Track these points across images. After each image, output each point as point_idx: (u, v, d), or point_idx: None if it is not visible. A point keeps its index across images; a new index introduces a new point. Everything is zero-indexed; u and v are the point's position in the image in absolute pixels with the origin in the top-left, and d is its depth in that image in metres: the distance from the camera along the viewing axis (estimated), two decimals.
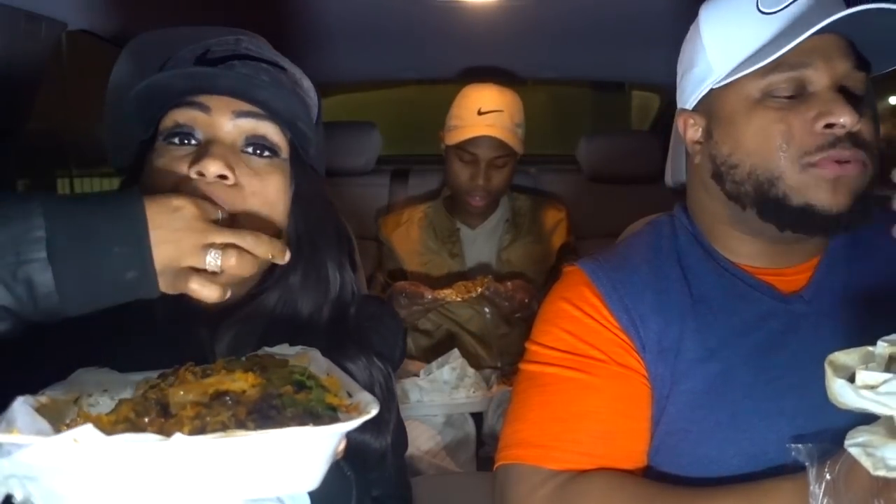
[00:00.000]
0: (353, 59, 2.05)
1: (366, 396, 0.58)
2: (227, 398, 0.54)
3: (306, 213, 0.79)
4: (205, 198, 0.66)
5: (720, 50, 0.82)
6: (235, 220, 0.70)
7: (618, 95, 3.57)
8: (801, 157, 0.77)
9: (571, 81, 2.99)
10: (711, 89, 0.84)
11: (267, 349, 0.70)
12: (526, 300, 1.69)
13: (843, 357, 0.62)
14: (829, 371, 0.61)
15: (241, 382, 0.56)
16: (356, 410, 0.56)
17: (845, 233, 0.80)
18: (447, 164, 1.83)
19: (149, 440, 0.46)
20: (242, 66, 0.74)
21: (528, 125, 1.82)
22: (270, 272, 0.80)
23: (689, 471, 0.78)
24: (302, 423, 0.51)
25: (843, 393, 0.59)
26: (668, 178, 1.12)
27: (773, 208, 0.79)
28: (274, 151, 0.75)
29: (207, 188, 0.69)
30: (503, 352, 1.81)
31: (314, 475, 0.53)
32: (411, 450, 1.52)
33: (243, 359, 0.65)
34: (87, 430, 0.45)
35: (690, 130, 0.87)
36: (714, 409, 0.78)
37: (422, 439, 1.58)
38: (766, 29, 0.79)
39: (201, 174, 0.69)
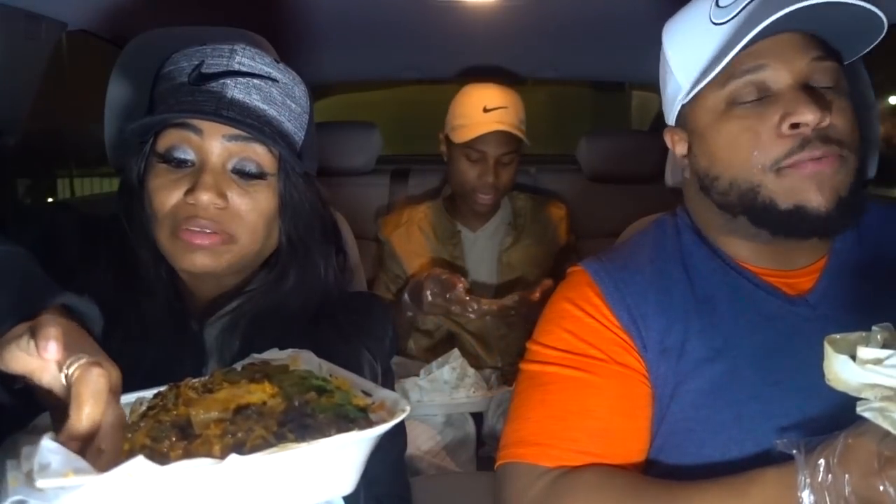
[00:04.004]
0: (353, 59, 2.05)
1: (389, 394, 0.59)
2: (250, 411, 0.53)
3: (296, 219, 0.85)
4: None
5: (681, 66, 0.84)
6: (230, 239, 0.79)
7: (618, 95, 3.58)
8: (773, 164, 0.77)
9: (571, 81, 2.99)
10: (683, 105, 0.85)
11: (256, 355, 0.70)
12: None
13: (840, 338, 0.62)
14: (829, 348, 0.61)
15: (259, 393, 0.55)
16: (383, 409, 0.57)
17: (836, 233, 0.80)
18: (452, 163, 1.82)
19: (205, 465, 0.45)
20: (235, 86, 0.80)
21: (528, 125, 1.82)
22: (263, 267, 0.83)
23: (693, 470, 0.78)
24: (341, 428, 0.51)
25: (845, 369, 0.59)
26: (668, 178, 1.12)
27: (761, 214, 0.79)
28: (261, 174, 0.81)
29: (202, 212, 0.78)
30: (503, 352, 1.81)
31: (352, 478, 0.53)
32: (411, 450, 1.51)
33: (239, 368, 0.64)
34: (141, 463, 0.44)
35: (678, 146, 0.89)
36: (719, 409, 0.78)
37: (422, 439, 1.58)
38: (718, 39, 0.80)
39: (196, 201, 0.77)
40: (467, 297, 1.63)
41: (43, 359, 0.49)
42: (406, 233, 1.89)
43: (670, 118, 0.90)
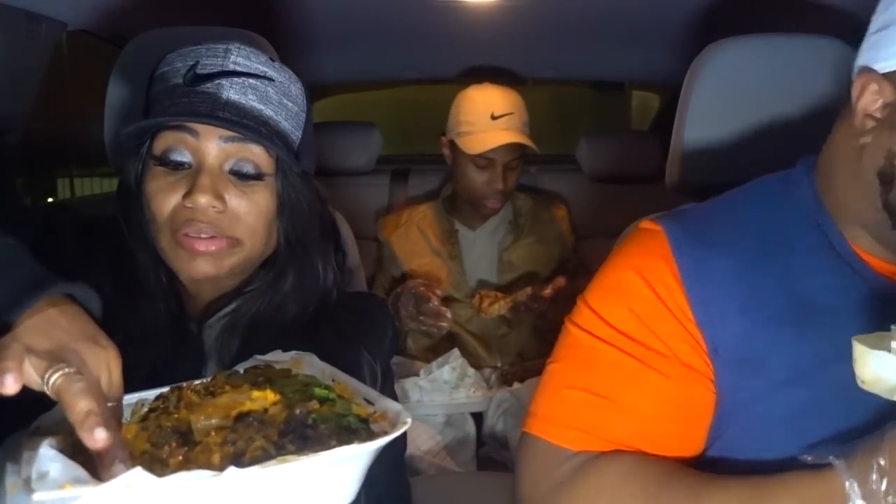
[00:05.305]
0: (353, 59, 2.06)
1: (392, 405, 0.58)
2: (251, 419, 0.52)
3: (294, 219, 0.84)
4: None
5: None
6: (235, 242, 0.78)
7: (618, 95, 3.57)
8: None
9: (571, 81, 2.99)
10: None
11: (259, 357, 0.70)
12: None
13: (863, 338, 0.58)
14: (861, 347, 0.56)
15: (261, 401, 0.55)
16: (384, 420, 0.56)
17: None
18: (459, 169, 1.81)
19: (204, 477, 0.44)
20: (230, 86, 0.79)
21: (529, 125, 1.82)
22: (262, 268, 0.85)
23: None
24: (342, 440, 0.51)
25: (884, 364, 0.55)
26: (669, 178, 1.11)
27: None
28: (258, 175, 0.80)
29: (200, 215, 0.77)
30: (503, 352, 1.81)
31: (353, 489, 0.53)
32: (411, 450, 1.52)
33: (241, 371, 0.64)
34: (138, 474, 0.43)
35: (868, 97, 0.67)
36: (786, 437, 0.67)
37: (422, 439, 1.58)
38: None
39: (193, 203, 0.76)
40: (442, 309, 1.63)
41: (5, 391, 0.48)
42: (405, 233, 1.90)
43: (882, 64, 0.67)
